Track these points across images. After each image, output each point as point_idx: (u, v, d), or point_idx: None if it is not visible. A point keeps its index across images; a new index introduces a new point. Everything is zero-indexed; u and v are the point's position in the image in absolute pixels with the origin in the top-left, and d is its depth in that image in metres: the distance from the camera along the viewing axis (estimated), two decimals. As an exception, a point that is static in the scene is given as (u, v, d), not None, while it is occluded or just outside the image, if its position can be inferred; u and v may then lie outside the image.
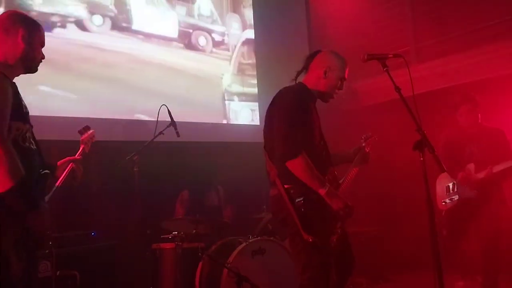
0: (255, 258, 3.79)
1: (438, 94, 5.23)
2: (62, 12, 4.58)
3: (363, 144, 3.02)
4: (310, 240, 2.42)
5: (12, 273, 1.95)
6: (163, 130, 3.94)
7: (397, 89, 2.42)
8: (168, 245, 4.01)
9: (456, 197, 4.03)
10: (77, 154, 2.60)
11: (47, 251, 3.45)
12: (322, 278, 2.49)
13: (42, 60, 2.33)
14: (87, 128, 2.76)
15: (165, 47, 5.29)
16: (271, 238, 3.96)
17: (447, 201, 4.07)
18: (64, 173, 2.44)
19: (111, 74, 4.83)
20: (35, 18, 2.39)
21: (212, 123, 5.46)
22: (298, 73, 2.81)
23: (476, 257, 4.07)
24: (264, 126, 2.75)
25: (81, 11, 4.69)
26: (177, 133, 3.95)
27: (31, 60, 2.26)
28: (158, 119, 3.92)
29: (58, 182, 2.40)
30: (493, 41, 4.99)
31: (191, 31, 5.55)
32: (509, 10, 4.93)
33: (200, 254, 3.88)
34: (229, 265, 3.64)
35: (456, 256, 4.12)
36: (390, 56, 2.52)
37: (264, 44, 6.13)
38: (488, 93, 4.57)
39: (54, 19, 4.51)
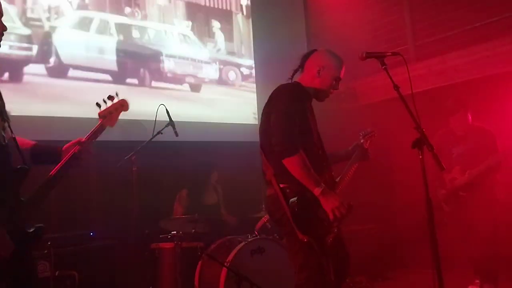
0: (254, 257, 3.79)
1: (437, 92, 5.23)
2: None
3: (362, 141, 3.02)
4: (305, 240, 2.42)
5: None
6: (162, 130, 3.93)
7: (396, 87, 2.41)
8: (167, 245, 4.00)
9: (452, 205, 4.13)
10: (90, 132, 2.16)
11: (45, 251, 3.44)
12: (318, 278, 2.48)
13: (4, 32, 1.99)
14: (109, 98, 2.25)
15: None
16: (270, 237, 3.96)
17: (448, 208, 4.17)
18: (63, 160, 2.06)
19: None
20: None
21: (210, 122, 5.46)
22: (294, 72, 2.81)
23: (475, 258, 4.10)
24: (260, 124, 2.74)
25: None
26: (176, 132, 3.94)
27: None
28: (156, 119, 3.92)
29: (53, 171, 2.02)
30: (491, 39, 4.99)
31: (222, 66, 5.76)
32: (507, 7, 4.93)
33: (199, 253, 3.88)
34: (228, 264, 3.64)
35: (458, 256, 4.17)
36: (388, 54, 2.52)
37: (262, 43, 6.14)
38: (487, 91, 4.58)
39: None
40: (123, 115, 2.33)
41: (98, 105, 2.21)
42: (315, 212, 2.50)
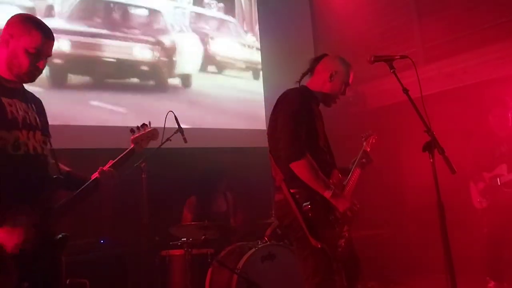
0: (264, 264, 3.77)
1: (446, 95, 5.19)
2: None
3: (364, 143, 3.00)
4: (319, 246, 2.40)
5: None
6: (171, 137, 3.93)
7: (405, 90, 2.40)
8: (177, 252, 4.01)
9: (490, 197, 4.20)
10: (119, 157, 2.33)
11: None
12: (331, 283, 2.46)
13: (38, 69, 2.09)
14: (143, 126, 2.43)
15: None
16: (281, 243, 3.94)
17: (483, 200, 4.24)
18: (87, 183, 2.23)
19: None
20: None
21: (218, 129, 5.45)
22: (303, 75, 2.81)
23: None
24: (268, 129, 2.73)
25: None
26: (184, 139, 3.94)
27: (16, 68, 2.05)
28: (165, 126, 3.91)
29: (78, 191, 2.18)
30: (501, 40, 4.94)
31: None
32: (516, 8, 4.89)
33: (209, 260, 3.88)
34: (238, 271, 3.63)
35: (493, 256, 4.22)
36: (397, 57, 2.50)
37: (269, 47, 6.14)
38: (497, 93, 4.54)
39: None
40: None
41: (132, 131, 2.38)
42: (326, 217, 2.49)
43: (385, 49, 5.75)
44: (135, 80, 4.93)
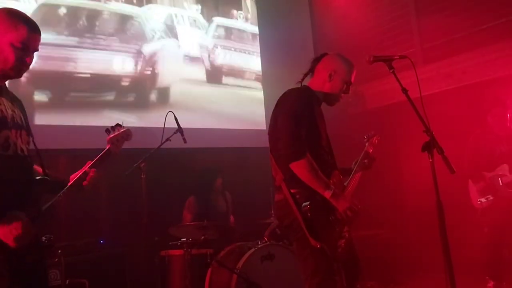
0: (264, 264, 3.77)
1: (445, 95, 5.20)
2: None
3: (366, 144, 2.99)
4: (318, 246, 2.40)
5: None
6: (170, 137, 3.94)
7: (404, 90, 2.40)
8: (176, 252, 4.01)
9: (490, 197, 4.18)
10: (96, 158, 2.27)
11: (56, 260, 3.46)
12: (331, 284, 2.46)
13: (24, 64, 2.04)
14: (117, 126, 2.37)
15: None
16: (280, 243, 3.94)
17: (483, 200, 4.21)
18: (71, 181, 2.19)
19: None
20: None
21: (218, 129, 5.46)
22: (304, 76, 2.79)
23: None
24: (269, 129, 2.72)
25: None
26: (184, 139, 3.94)
27: (1, 63, 2.01)
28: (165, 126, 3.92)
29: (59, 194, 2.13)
30: (499, 40, 4.95)
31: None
32: (515, 8, 4.90)
33: (209, 260, 3.88)
34: (238, 271, 3.63)
35: (492, 256, 4.22)
36: (396, 57, 2.49)
37: (269, 48, 6.15)
38: (496, 93, 4.55)
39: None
40: (135, 123, 2.39)
41: (107, 131, 2.31)
42: (326, 217, 2.49)
43: (384, 49, 5.76)
44: (114, 95, 4.55)
